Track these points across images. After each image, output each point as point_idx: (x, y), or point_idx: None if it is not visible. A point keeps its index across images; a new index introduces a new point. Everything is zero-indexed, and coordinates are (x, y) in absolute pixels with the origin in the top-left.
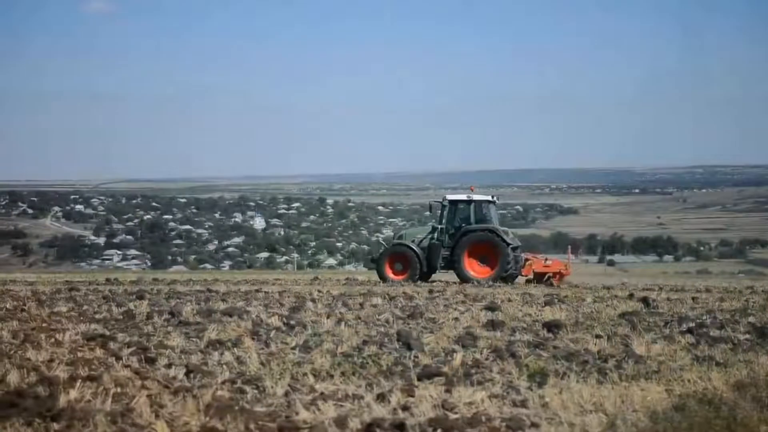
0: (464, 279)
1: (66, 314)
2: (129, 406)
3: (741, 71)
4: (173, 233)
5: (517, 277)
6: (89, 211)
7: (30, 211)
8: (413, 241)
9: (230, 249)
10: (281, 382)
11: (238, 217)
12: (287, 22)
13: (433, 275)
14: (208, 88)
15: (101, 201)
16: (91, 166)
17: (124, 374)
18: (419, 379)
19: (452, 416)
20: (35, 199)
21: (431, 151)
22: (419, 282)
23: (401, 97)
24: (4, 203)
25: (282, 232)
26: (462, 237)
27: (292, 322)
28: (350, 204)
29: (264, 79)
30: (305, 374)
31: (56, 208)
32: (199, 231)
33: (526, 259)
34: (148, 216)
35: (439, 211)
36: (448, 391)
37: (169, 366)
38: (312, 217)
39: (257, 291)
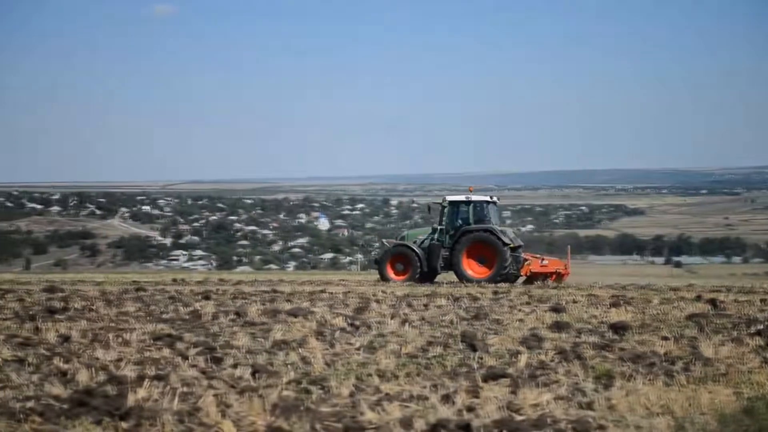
0: (463, 279)
1: (133, 314)
2: (196, 406)
3: None
4: (239, 234)
5: (518, 277)
6: (156, 211)
7: (98, 211)
8: (415, 242)
9: (295, 250)
10: (346, 382)
11: (303, 218)
12: (370, 29)
13: (438, 275)
14: (270, 91)
15: (168, 202)
16: (158, 168)
17: (191, 374)
18: (484, 381)
19: (518, 418)
20: (103, 200)
21: (494, 152)
22: (422, 282)
23: (463, 99)
24: (72, 204)
25: (346, 233)
26: (460, 237)
27: (357, 323)
28: (414, 205)
29: (329, 82)
30: (370, 375)
31: (124, 209)
32: (264, 232)
33: (525, 259)
34: (214, 217)
35: (440, 212)
36: (513, 392)
37: (235, 366)
38: (376, 217)
39: (322, 292)
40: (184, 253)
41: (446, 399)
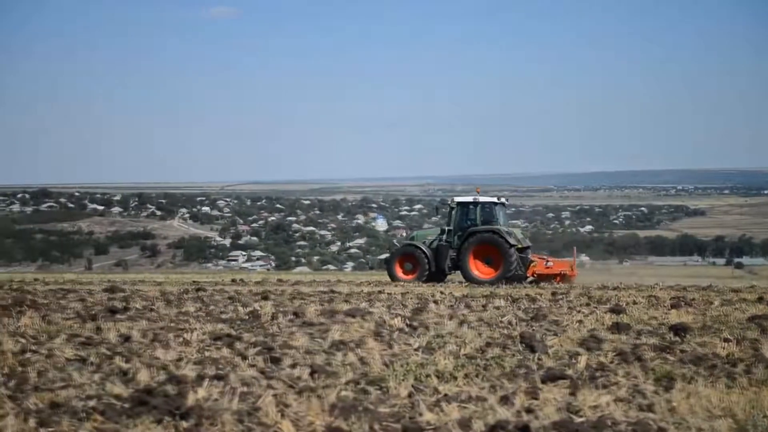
0: (469, 279)
1: (193, 314)
2: (255, 406)
3: None
4: (297, 234)
5: (526, 278)
6: (215, 212)
7: (158, 212)
8: (424, 243)
9: (353, 250)
10: (405, 383)
11: (361, 219)
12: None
13: (448, 276)
14: (333, 93)
15: (227, 203)
16: (217, 168)
17: (250, 374)
18: (543, 382)
19: (577, 420)
20: (163, 201)
21: (553, 153)
22: (430, 282)
23: (522, 98)
24: (133, 205)
25: (404, 234)
26: (467, 238)
27: (415, 324)
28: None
29: (390, 83)
30: (428, 376)
31: (183, 210)
32: (323, 232)
33: (530, 260)
34: (273, 217)
35: (448, 213)
36: (572, 394)
37: (293, 366)
38: (434, 218)
39: (380, 292)
40: (243, 253)
41: (505, 400)
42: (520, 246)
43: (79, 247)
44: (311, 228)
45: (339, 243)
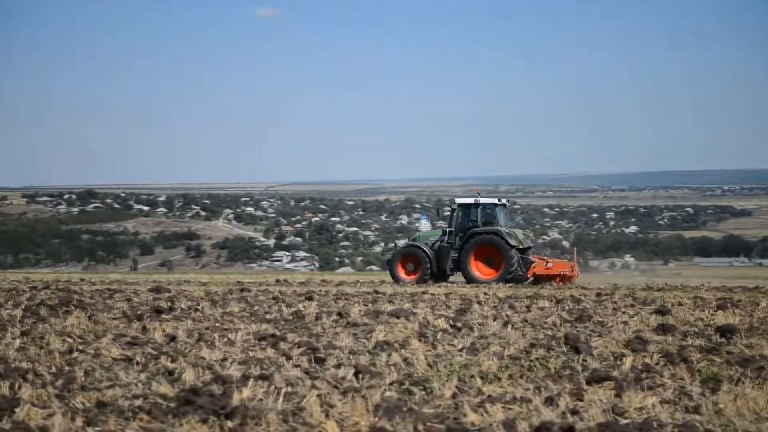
0: (470, 280)
1: (238, 314)
2: (300, 406)
3: None
4: (340, 235)
5: (527, 278)
6: (259, 213)
7: (203, 213)
8: (426, 243)
9: None
10: (448, 383)
11: (404, 219)
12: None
13: (451, 276)
14: (378, 94)
15: (271, 203)
16: (261, 169)
17: (295, 374)
18: (588, 383)
19: (623, 421)
20: (208, 201)
21: (596, 153)
22: (432, 282)
23: (567, 98)
24: (178, 205)
25: None
26: (468, 239)
27: (459, 324)
28: (516, 206)
29: (434, 84)
30: (472, 376)
31: (228, 211)
32: (366, 233)
33: (531, 261)
34: (316, 218)
35: (450, 215)
36: (617, 395)
37: (338, 366)
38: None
39: (423, 293)
40: (287, 254)
41: (549, 401)
42: (521, 247)
43: (125, 247)
44: (355, 228)
45: (382, 244)
